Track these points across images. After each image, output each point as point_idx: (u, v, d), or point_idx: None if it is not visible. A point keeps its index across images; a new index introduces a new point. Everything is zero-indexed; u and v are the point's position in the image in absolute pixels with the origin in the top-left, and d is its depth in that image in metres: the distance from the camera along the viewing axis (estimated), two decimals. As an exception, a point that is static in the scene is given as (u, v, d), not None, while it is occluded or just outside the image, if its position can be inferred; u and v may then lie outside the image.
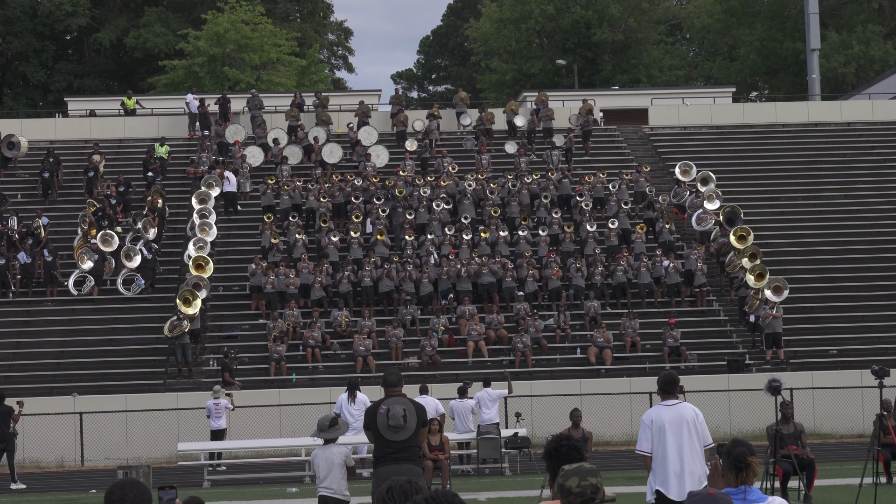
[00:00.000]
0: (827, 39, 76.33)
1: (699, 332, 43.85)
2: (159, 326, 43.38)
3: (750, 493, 8.06)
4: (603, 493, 6.81)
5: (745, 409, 38.19)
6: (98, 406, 39.04)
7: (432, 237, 46.10)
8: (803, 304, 44.87)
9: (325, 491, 15.86)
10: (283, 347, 41.79)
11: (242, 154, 51.10)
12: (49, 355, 42.83)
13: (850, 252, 48.33)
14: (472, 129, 54.79)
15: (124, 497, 6.71)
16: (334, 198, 48.08)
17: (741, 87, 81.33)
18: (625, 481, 26.28)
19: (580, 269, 44.68)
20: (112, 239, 45.49)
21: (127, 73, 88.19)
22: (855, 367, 40.23)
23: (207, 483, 31.93)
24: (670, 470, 14.19)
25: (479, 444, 32.32)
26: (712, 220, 47.52)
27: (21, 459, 34.92)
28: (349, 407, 30.01)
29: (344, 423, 16.60)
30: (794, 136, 56.36)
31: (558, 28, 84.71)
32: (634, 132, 56.81)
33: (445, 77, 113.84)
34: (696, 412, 14.33)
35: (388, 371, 15.33)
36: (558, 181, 49.59)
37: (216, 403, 35.68)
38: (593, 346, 42.15)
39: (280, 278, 43.93)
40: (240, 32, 74.40)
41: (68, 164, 52.10)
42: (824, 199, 51.76)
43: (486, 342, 42.58)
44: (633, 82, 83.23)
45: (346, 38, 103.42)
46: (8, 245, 46.20)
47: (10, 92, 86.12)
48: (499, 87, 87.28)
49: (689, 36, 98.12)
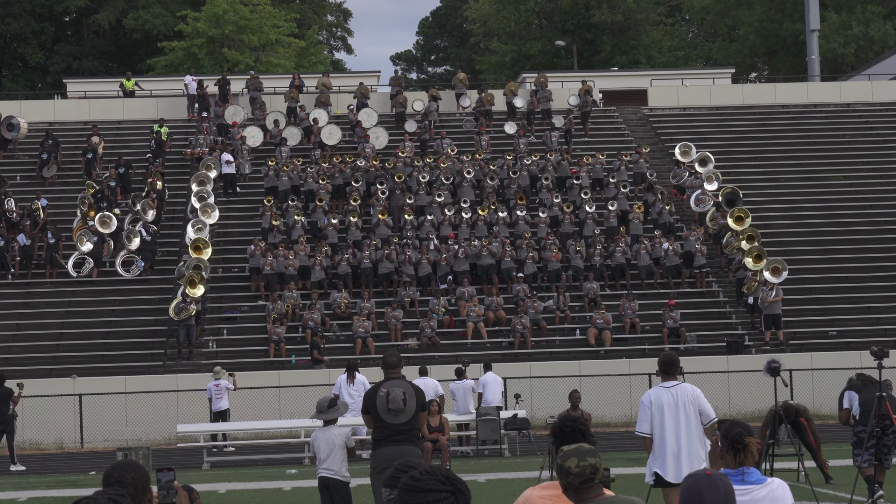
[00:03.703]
0: (826, 20, 76.15)
1: (698, 314, 43.85)
2: (159, 308, 43.40)
3: (748, 474, 8.04)
4: (601, 473, 6.81)
5: (745, 391, 38.23)
6: (97, 388, 39.09)
7: (431, 219, 46.06)
8: (802, 286, 44.87)
9: (325, 472, 15.86)
10: (283, 329, 41.81)
11: (242, 136, 51.04)
12: (48, 337, 42.85)
13: (850, 233, 48.32)
14: (471, 111, 54.72)
15: (123, 478, 6.71)
16: (333, 179, 48.04)
17: (740, 67, 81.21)
18: (624, 462, 26.30)
19: (579, 250, 44.66)
20: (110, 221, 45.45)
21: (126, 55, 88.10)
22: (854, 348, 40.22)
23: (207, 465, 31.96)
24: (668, 451, 14.22)
25: (479, 425, 32.36)
26: (711, 201, 47.49)
27: (21, 441, 34.96)
28: (348, 388, 30.05)
29: (343, 403, 16.59)
30: (794, 117, 56.29)
31: (557, 9, 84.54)
32: (634, 113, 56.74)
33: (445, 58, 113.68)
34: (695, 392, 14.36)
35: (388, 352, 15.34)
36: (557, 162, 49.54)
37: (217, 385, 35.73)
38: (592, 328, 42.15)
39: (279, 260, 43.91)
40: (238, 14, 74.29)
41: (67, 147, 52.02)
42: (824, 181, 51.73)
43: (486, 323, 42.58)
44: (633, 63, 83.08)
45: (344, 19, 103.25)
46: (7, 227, 46.18)
47: (8, 73, 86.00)
48: (498, 69, 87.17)
49: (688, 17, 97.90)
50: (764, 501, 7.99)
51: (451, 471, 5.62)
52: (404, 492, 5.55)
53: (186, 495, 8.01)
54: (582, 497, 6.79)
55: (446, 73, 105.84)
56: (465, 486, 5.58)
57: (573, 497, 6.81)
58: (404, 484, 5.57)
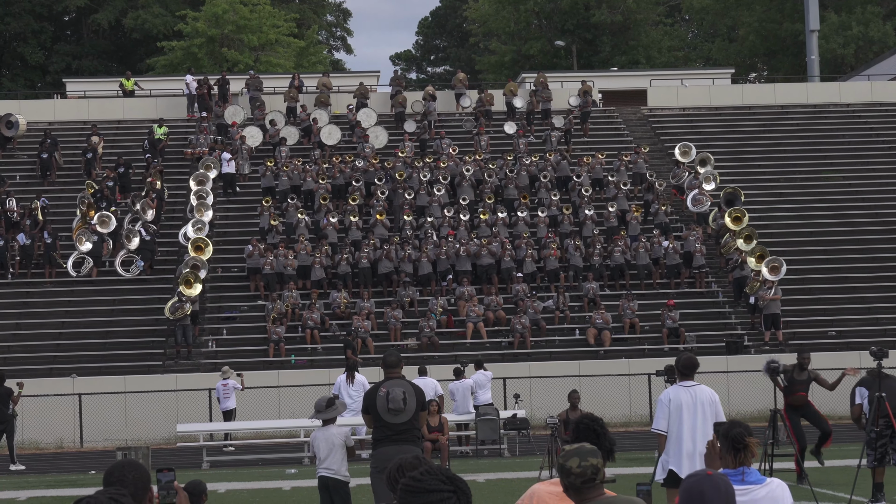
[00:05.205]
0: (826, 20, 76.18)
1: (698, 314, 43.85)
2: (158, 308, 43.40)
3: (748, 474, 8.06)
4: (603, 474, 6.82)
5: (744, 391, 38.21)
6: (97, 387, 39.10)
7: (431, 219, 46.07)
8: (802, 286, 44.88)
9: (325, 472, 15.87)
10: (282, 329, 41.80)
11: (241, 135, 51.03)
12: (48, 336, 42.84)
13: (849, 234, 48.32)
14: (471, 111, 54.72)
15: (123, 478, 6.71)
16: (334, 179, 48.04)
17: (740, 68, 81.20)
18: (624, 463, 26.28)
19: (578, 247, 44.68)
20: (109, 220, 45.45)
21: (125, 55, 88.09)
22: (853, 348, 40.20)
23: (206, 464, 31.96)
24: (684, 450, 14.32)
25: (478, 425, 32.37)
26: (708, 201, 47.50)
27: (20, 441, 34.93)
28: (348, 388, 30.07)
29: (341, 403, 16.60)
30: (793, 118, 56.29)
31: (557, 9, 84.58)
32: (633, 113, 56.74)
33: (444, 58, 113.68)
34: (713, 395, 14.46)
35: (388, 352, 15.36)
36: (557, 162, 49.54)
37: (224, 384, 35.76)
38: (592, 328, 42.16)
39: (279, 259, 43.90)
40: (238, 13, 74.31)
41: (67, 146, 52.02)
42: (823, 181, 51.74)
43: (485, 323, 42.59)
44: (632, 63, 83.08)
45: (344, 19, 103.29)
46: (7, 226, 46.18)
47: (8, 73, 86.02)
48: (497, 69, 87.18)
49: (688, 17, 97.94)
50: (763, 501, 8.01)
51: (451, 471, 5.63)
52: (406, 492, 5.56)
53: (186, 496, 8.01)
54: (583, 497, 6.80)
55: (446, 73, 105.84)
56: (466, 486, 5.59)
57: (574, 497, 6.83)
58: (405, 485, 5.58)
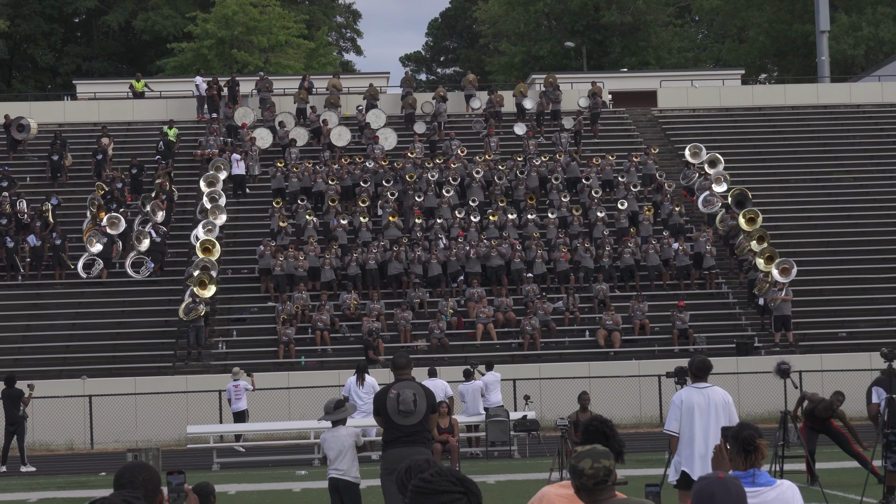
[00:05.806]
0: (836, 21, 76.08)
1: (708, 315, 43.80)
2: (168, 309, 43.45)
3: (759, 476, 8.05)
4: (615, 475, 6.82)
5: (755, 392, 38.15)
6: (107, 389, 39.13)
7: (441, 221, 46.07)
8: (812, 287, 44.81)
9: (335, 473, 15.87)
10: (292, 330, 41.82)
11: (251, 137, 51.06)
12: (59, 338, 42.89)
13: (859, 235, 48.25)
14: (480, 112, 54.71)
15: (134, 479, 6.72)
16: (343, 180, 48.05)
17: (750, 69, 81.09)
18: (635, 464, 26.27)
19: (588, 248, 44.66)
20: (119, 222, 45.49)
21: (135, 56, 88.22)
22: (864, 349, 40.14)
23: (217, 466, 31.99)
24: (696, 452, 14.28)
25: (488, 426, 32.34)
26: (719, 202, 47.45)
27: (31, 442, 35.00)
28: (358, 390, 30.07)
29: (351, 404, 16.63)
30: (804, 119, 56.23)
31: (567, 10, 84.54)
32: (643, 114, 56.69)
33: (454, 59, 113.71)
34: (727, 397, 14.41)
35: (398, 354, 15.38)
36: (567, 164, 49.51)
37: (235, 385, 35.80)
38: (602, 329, 42.13)
39: (289, 261, 43.92)
40: (248, 15, 74.38)
41: (77, 147, 52.08)
42: (833, 182, 51.67)
43: (495, 325, 42.57)
44: (642, 64, 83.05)
45: (354, 20, 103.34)
46: (17, 228, 46.25)
47: (18, 75, 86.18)
48: (507, 70, 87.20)
49: (698, 18, 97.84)
50: (774, 503, 7.99)
51: (461, 472, 5.63)
52: (416, 494, 5.56)
53: (197, 498, 8.02)
54: (594, 499, 6.79)
55: (455, 74, 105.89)
56: (476, 487, 5.59)
57: (585, 498, 6.82)
58: (416, 486, 5.58)
